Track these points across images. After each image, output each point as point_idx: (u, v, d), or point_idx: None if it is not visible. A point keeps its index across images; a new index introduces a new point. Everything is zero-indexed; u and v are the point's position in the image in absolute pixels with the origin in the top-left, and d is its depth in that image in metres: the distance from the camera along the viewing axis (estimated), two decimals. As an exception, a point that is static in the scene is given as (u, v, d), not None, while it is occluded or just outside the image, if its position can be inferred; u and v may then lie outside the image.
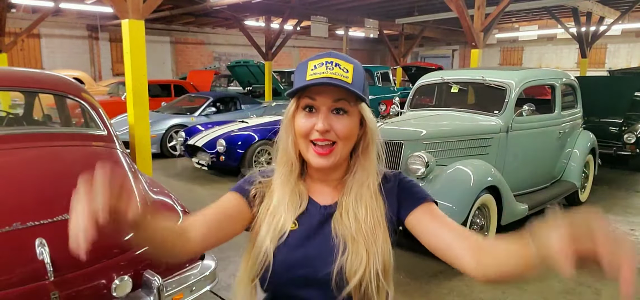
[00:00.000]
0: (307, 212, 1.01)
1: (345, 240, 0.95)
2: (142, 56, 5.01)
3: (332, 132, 0.95)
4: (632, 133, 6.89)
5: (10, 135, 2.91)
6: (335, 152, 0.96)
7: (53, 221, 2.17)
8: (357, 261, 0.92)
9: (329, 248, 0.96)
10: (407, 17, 14.09)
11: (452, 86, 4.86)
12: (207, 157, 6.82)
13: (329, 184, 1.04)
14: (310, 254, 0.97)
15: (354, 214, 0.97)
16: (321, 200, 1.03)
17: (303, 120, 0.97)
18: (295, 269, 0.96)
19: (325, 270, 0.94)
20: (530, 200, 4.40)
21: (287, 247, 0.97)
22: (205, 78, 13.52)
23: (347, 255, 0.93)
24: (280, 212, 1.00)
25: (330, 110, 0.95)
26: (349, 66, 0.94)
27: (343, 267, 0.93)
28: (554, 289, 3.44)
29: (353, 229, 0.95)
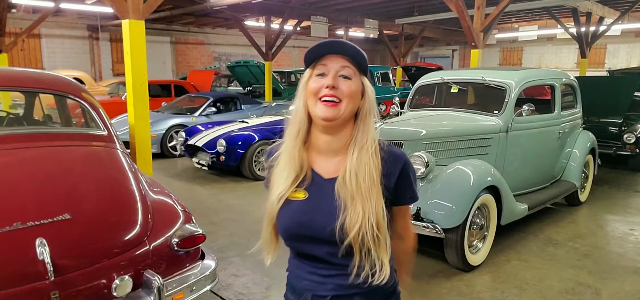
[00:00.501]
0: (313, 183, 1.21)
1: (346, 201, 1.14)
2: (143, 56, 5.01)
3: (339, 90, 1.15)
4: (631, 133, 6.90)
5: (10, 135, 2.91)
6: (339, 107, 1.15)
7: (53, 221, 2.18)
8: (355, 218, 1.11)
9: (332, 209, 1.15)
10: (407, 17, 14.09)
11: (452, 86, 4.86)
12: (208, 157, 6.82)
13: (333, 156, 1.21)
14: (316, 218, 1.16)
15: (355, 174, 1.14)
16: (324, 174, 1.21)
17: (315, 82, 1.17)
18: (304, 230, 1.18)
19: (329, 228, 1.14)
20: (530, 200, 4.41)
21: (296, 212, 1.18)
22: (206, 78, 13.52)
23: (346, 213, 1.12)
24: (283, 171, 1.21)
25: (337, 74, 1.16)
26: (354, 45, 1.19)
27: (343, 223, 1.12)
28: (553, 289, 3.44)
29: (353, 189, 1.14)
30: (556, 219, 4.99)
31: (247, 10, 12.07)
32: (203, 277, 2.53)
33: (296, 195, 1.20)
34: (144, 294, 2.26)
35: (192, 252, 2.57)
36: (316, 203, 1.18)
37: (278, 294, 3.37)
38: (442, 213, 3.47)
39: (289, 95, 13.52)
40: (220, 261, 3.80)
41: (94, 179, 2.66)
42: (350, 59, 1.18)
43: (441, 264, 3.80)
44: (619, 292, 3.42)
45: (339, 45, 1.18)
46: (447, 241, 3.58)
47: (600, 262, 3.92)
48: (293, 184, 1.20)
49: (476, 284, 3.53)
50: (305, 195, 1.19)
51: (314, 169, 1.22)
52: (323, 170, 1.22)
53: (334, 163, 1.21)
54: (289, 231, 1.20)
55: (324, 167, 1.22)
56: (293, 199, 1.20)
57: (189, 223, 2.61)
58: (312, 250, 1.20)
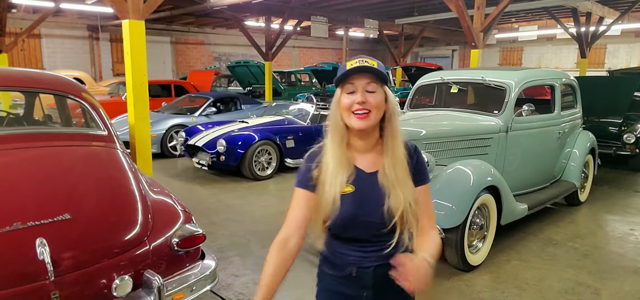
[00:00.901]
0: (358, 178, 1.45)
1: (389, 189, 1.41)
2: (143, 56, 5.01)
3: (367, 103, 1.39)
4: (631, 133, 6.90)
5: (10, 135, 2.91)
6: (370, 117, 1.40)
7: (53, 221, 2.18)
8: (398, 201, 1.40)
9: (378, 197, 1.42)
10: (407, 18, 14.09)
11: (452, 86, 4.87)
12: (208, 157, 6.82)
13: (369, 152, 1.47)
14: (366, 206, 1.43)
15: (393, 166, 1.43)
16: (366, 168, 1.47)
17: (346, 99, 1.41)
18: (358, 217, 1.43)
19: (378, 212, 1.42)
20: (529, 200, 4.41)
21: (347, 203, 1.42)
22: (206, 78, 13.52)
23: (391, 199, 1.40)
24: (337, 172, 1.42)
25: (365, 90, 1.40)
26: (374, 62, 1.42)
27: (389, 207, 1.40)
28: (553, 289, 3.44)
29: (393, 178, 1.42)
30: (556, 219, 5.00)
31: (247, 10, 12.07)
32: (203, 277, 2.53)
33: (345, 190, 1.43)
34: (144, 294, 2.26)
35: (192, 252, 2.57)
36: (364, 194, 1.44)
37: (278, 293, 3.36)
38: (442, 213, 3.47)
39: (288, 95, 13.53)
40: (220, 261, 3.80)
41: (94, 179, 2.66)
42: (373, 75, 1.40)
43: (441, 264, 3.80)
44: (619, 292, 3.42)
45: (363, 68, 1.40)
46: (447, 241, 3.58)
47: (600, 262, 3.92)
48: (344, 182, 1.43)
49: (476, 283, 3.53)
50: (352, 189, 1.43)
51: (356, 166, 1.47)
52: (364, 165, 1.47)
53: (371, 158, 1.47)
54: (345, 221, 1.43)
55: (364, 163, 1.47)
56: (343, 193, 1.42)
57: (189, 223, 2.62)
58: (360, 233, 1.45)
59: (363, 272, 1.46)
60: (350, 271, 1.47)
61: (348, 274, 1.47)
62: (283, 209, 1.78)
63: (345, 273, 1.48)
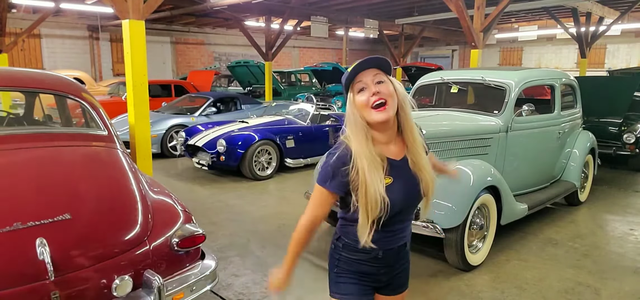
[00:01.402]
0: (392, 167, 1.54)
1: (418, 172, 1.57)
2: (143, 56, 5.01)
3: (381, 93, 1.47)
4: (631, 133, 6.90)
5: (11, 136, 2.91)
6: (387, 107, 1.48)
7: (54, 221, 2.18)
8: (428, 182, 1.58)
9: (414, 181, 1.57)
10: (407, 18, 14.09)
11: (452, 86, 4.87)
12: (208, 157, 6.82)
13: (391, 142, 1.57)
14: (407, 192, 1.57)
15: (418, 156, 1.57)
16: (395, 156, 1.57)
17: (360, 98, 1.49)
18: (403, 203, 1.56)
19: (417, 196, 1.59)
20: (529, 200, 4.41)
21: (392, 193, 1.51)
22: (206, 78, 13.53)
23: (422, 181, 1.58)
24: (374, 171, 1.48)
25: (374, 83, 1.48)
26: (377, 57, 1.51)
27: (422, 188, 1.58)
28: (553, 289, 3.44)
29: (420, 163, 1.57)
30: (556, 219, 5.00)
31: (247, 10, 12.07)
32: (203, 277, 2.53)
33: (387, 181, 1.51)
34: (144, 294, 2.26)
35: (192, 252, 2.57)
36: (402, 181, 1.55)
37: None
38: (442, 213, 3.47)
39: (288, 95, 13.54)
40: (220, 261, 3.80)
41: (94, 179, 2.66)
42: (378, 67, 1.49)
43: (441, 264, 3.80)
44: (619, 292, 3.42)
45: (367, 62, 1.49)
46: (447, 241, 3.58)
47: (600, 262, 3.92)
48: (382, 172, 1.51)
49: (476, 283, 3.53)
50: (391, 180, 1.53)
51: (388, 157, 1.55)
52: (392, 154, 1.57)
53: (396, 147, 1.58)
54: (394, 210, 1.52)
55: (391, 152, 1.57)
56: (387, 184, 1.51)
57: (189, 223, 2.62)
58: (404, 216, 1.62)
59: (388, 253, 1.63)
60: (376, 254, 1.61)
61: (374, 256, 1.62)
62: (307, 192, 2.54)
63: (372, 256, 1.62)
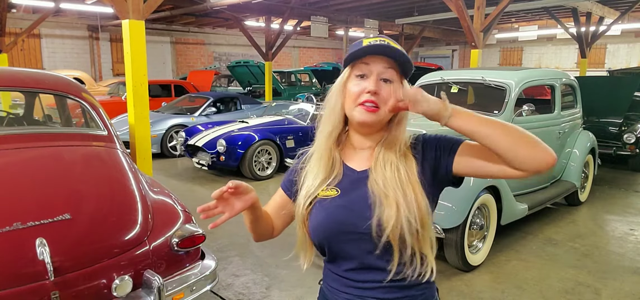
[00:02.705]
0: (344, 178, 1.17)
1: (380, 197, 1.09)
2: (143, 56, 5.01)
3: (379, 96, 1.10)
4: (631, 133, 6.90)
5: (10, 135, 2.91)
6: (378, 113, 1.11)
7: (53, 221, 2.18)
8: (390, 213, 1.06)
9: (367, 205, 1.10)
10: (406, 18, 14.09)
11: (452, 86, 4.87)
12: (208, 157, 6.82)
13: (365, 150, 1.18)
14: (350, 214, 1.12)
15: (382, 175, 1.11)
16: (356, 166, 1.18)
17: (355, 85, 1.12)
18: (341, 226, 1.12)
19: (365, 224, 1.09)
20: (529, 200, 4.40)
21: (330, 210, 1.14)
22: (206, 78, 13.53)
23: (383, 208, 1.07)
24: (318, 172, 1.18)
25: (379, 78, 1.10)
26: (399, 46, 1.12)
27: (380, 218, 1.07)
28: (553, 289, 3.44)
29: (382, 186, 1.09)
30: (556, 219, 4.99)
31: (247, 10, 12.06)
32: (203, 277, 2.53)
33: (328, 193, 1.15)
34: (144, 294, 2.26)
35: (192, 252, 2.57)
36: (350, 198, 1.14)
37: (278, 293, 3.37)
38: (442, 213, 3.47)
39: (288, 95, 13.53)
40: (220, 261, 3.80)
41: (94, 179, 2.66)
42: (394, 61, 1.11)
43: (441, 264, 3.80)
44: (619, 292, 3.42)
45: (384, 47, 1.09)
46: (447, 241, 3.58)
47: (600, 262, 3.92)
48: (322, 184, 1.16)
49: (476, 284, 3.53)
50: (337, 192, 1.15)
51: (345, 163, 1.19)
52: (356, 163, 1.18)
53: (367, 155, 1.17)
54: (324, 230, 1.14)
55: (356, 161, 1.18)
56: (325, 197, 1.15)
57: (189, 223, 2.62)
58: (349, 250, 1.13)
59: None
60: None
61: None
62: None
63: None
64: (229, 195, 1.11)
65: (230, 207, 1.12)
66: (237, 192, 1.10)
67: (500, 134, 1.02)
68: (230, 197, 1.11)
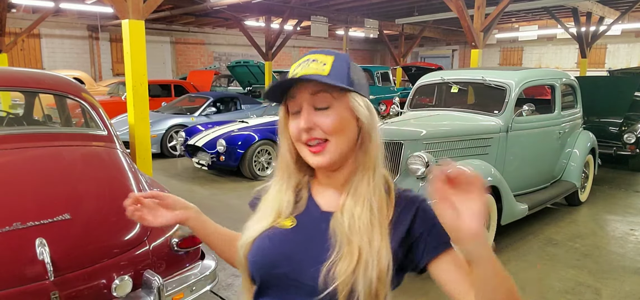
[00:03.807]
0: (306, 212, 0.98)
1: (342, 242, 0.89)
2: (143, 56, 5.01)
3: (318, 129, 0.91)
4: (632, 133, 6.90)
5: (10, 135, 2.91)
6: (328, 149, 0.92)
7: (53, 221, 2.17)
8: (347, 263, 0.86)
9: (323, 250, 0.90)
10: (407, 17, 14.09)
11: (452, 86, 4.86)
12: (208, 157, 6.82)
13: (337, 189, 0.98)
14: (299, 254, 0.92)
15: (350, 215, 0.91)
16: (324, 205, 0.99)
17: (293, 124, 0.94)
18: (281, 265, 0.93)
19: (311, 272, 0.88)
20: (530, 200, 4.41)
21: (278, 241, 0.95)
22: (206, 78, 13.53)
23: (340, 257, 0.87)
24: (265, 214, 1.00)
25: (313, 107, 0.91)
26: (328, 59, 0.92)
27: (332, 268, 0.86)
28: (553, 289, 3.44)
29: (346, 229, 0.89)
30: (556, 219, 4.99)
31: (247, 10, 12.07)
32: (203, 277, 2.53)
33: (283, 223, 0.97)
34: (144, 294, 2.26)
35: (192, 252, 2.57)
36: (305, 236, 0.95)
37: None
38: (442, 213, 3.46)
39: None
40: (221, 261, 3.80)
41: (94, 179, 2.65)
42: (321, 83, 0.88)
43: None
44: (619, 292, 3.41)
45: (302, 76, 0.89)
46: (447, 241, 3.57)
47: (600, 262, 3.92)
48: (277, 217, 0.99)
49: (476, 284, 3.52)
50: (293, 223, 0.97)
51: (312, 196, 1.01)
52: (323, 200, 0.99)
53: (338, 195, 0.98)
54: (263, 261, 0.94)
55: (324, 198, 1.00)
56: (278, 226, 0.97)
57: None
58: (283, 292, 0.94)
59: None
60: None
61: None
62: None
63: None
64: (155, 204, 1.06)
65: (152, 215, 1.07)
66: (163, 204, 1.05)
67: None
68: (157, 206, 1.07)
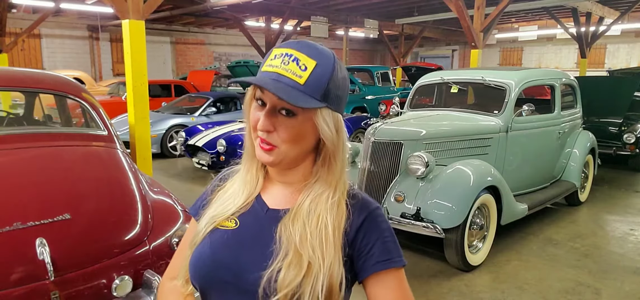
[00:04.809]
0: (251, 211, 0.93)
1: (288, 249, 0.83)
2: (143, 56, 5.01)
3: (275, 134, 0.85)
4: (631, 133, 6.90)
5: (10, 135, 2.91)
6: (276, 153, 0.86)
7: (54, 221, 2.17)
8: (294, 273, 0.81)
9: (266, 253, 0.85)
10: (407, 18, 14.09)
11: (452, 86, 4.87)
12: (208, 157, 6.82)
13: (287, 186, 0.93)
14: (242, 257, 0.87)
15: (303, 222, 0.85)
16: (271, 203, 0.93)
17: (253, 111, 0.88)
18: (220, 270, 0.88)
19: (253, 277, 0.83)
20: (530, 200, 4.41)
21: (218, 244, 0.90)
22: (206, 78, 13.52)
23: (284, 263, 0.82)
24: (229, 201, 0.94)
25: (277, 109, 0.85)
26: (310, 63, 0.83)
27: (275, 276, 0.81)
28: (553, 289, 3.44)
29: (298, 237, 0.84)
30: (556, 219, 4.99)
31: (247, 10, 12.07)
32: (203, 277, 2.53)
33: (224, 224, 0.92)
34: (144, 293, 2.26)
35: (192, 252, 2.57)
36: (246, 237, 0.90)
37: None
38: (442, 213, 3.47)
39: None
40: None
41: (94, 179, 2.66)
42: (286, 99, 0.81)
43: (441, 264, 3.80)
44: (619, 292, 3.42)
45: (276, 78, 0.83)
46: (447, 241, 3.58)
47: (600, 262, 3.92)
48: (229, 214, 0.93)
49: (476, 284, 3.53)
50: (235, 225, 0.91)
51: (260, 194, 0.95)
52: (271, 198, 0.94)
53: (289, 193, 0.93)
54: (201, 268, 0.89)
55: (273, 195, 0.94)
56: (220, 227, 0.92)
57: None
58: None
59: None
60: None
61: None
62: None
63: None
64: None
65: None
66: None
67: None
68: None
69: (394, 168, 3.84)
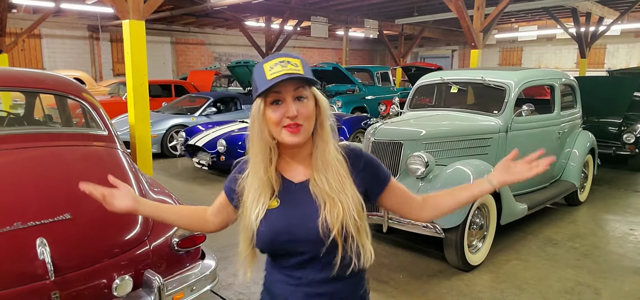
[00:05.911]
0: (284, 189, 1.26)
1: (324, 198, 1.20)
2: (143, 56, 5.01)
3: (299, 116, 1.18)
4: (631, 133, 6.91)
5: (11, 135, 2.92)
6: (302, 131, 1.20)
7: (54, 221, 2.18)
8: (336, 212, 1.18)
9: (309, 210, 1.21)
10: (406, 18, 14.10)
11: (452, 86, 4.87)
12: (208, 157, 6.83)
13: (300, 162, 1.28)
14: (293, 221, 1.22)
15: (324, 177, 1.22)
16: (295, 178, 1.27)
17: (273, 112, 1.19)
18: (281, 236, 1.22)
19: (311, 227, 1.19)
20: (529, 200, 4.41)
21: (271, 219, 1.23)
22: (206, 78, 13.52)
23: (327, 210, 1.19)
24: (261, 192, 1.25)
25: (294, 99, 1.18)
26: (297, 61, 1.19)
27: (325, 219, 1.18)
28: (553, 289, 3.45)
29: (327, 188, 1.20)
30: (556, 219, 5.00)
31: (247, 10, 12.08)
32: (203, 277, 2.53)
33: (270, 205, 1.25)
34: (144, 293, 2.26)
35: (192, 251, 2.58)
36: (290, 208, 1.24)
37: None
38: (442, 213, 3.46)
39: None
40: (221, 261, 3.80)
41: (94, 179, 2.64)
42: (301, 80, 1.18)
43: (441, 263, 3.80)
44: (619, 292, 3.42)
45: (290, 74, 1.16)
46: (447, 241, 3.58)
47: (600, 262, 3.93)
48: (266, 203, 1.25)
49: (476, 283, 3.53)
50: (278, 202, 1.25)
51: (284, 176, 1.28)
52: (293, 176, 1.28)
53: (303, 168, 1.28)
54: (268, 241, 1.24)
55: (293, 173, 1.28)
56: (268, 208, 1.24)
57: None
58: (293, 254, 1.24)
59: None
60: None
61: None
62: None
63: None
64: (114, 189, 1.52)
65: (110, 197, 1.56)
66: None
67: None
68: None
69: (394, 168, 3.85)
